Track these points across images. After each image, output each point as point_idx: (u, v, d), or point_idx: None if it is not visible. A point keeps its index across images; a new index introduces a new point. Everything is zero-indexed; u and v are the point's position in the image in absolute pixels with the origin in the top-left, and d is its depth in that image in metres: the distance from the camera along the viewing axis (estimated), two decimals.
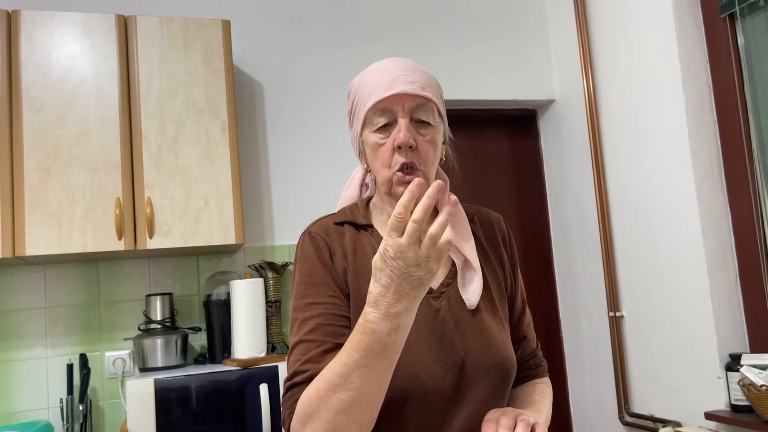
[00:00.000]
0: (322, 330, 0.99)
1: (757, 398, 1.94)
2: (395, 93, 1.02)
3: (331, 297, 1.03)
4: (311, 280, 1.04)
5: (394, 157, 1.03)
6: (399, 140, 1.01)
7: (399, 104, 1.03)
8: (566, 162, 2.92)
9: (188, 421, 2.01)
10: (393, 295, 0.83)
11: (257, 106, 2.63)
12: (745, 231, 2.20)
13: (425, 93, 1.04)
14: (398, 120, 1.03)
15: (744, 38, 2.23)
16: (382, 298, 0.83)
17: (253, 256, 2.53)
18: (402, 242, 0.81)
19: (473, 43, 2.91)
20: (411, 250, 0.81)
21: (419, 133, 1.04)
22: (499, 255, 1.18)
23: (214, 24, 2.29)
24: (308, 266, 1.05)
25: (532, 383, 1.21)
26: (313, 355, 0.98)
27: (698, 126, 2.27)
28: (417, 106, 1.03)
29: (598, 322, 2.74)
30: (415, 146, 1.03)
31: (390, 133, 1.03)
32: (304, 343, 1.00)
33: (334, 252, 1.07)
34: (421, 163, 1.03)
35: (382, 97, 1.02)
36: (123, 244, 2.10)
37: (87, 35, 2.17)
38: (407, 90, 1.02)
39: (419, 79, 1.04)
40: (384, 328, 0.84)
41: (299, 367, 0.98)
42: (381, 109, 1.03)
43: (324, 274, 1.04)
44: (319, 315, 1.01)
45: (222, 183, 2.22)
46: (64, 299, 2.34)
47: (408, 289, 0.82)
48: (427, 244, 0.81)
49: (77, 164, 2.10)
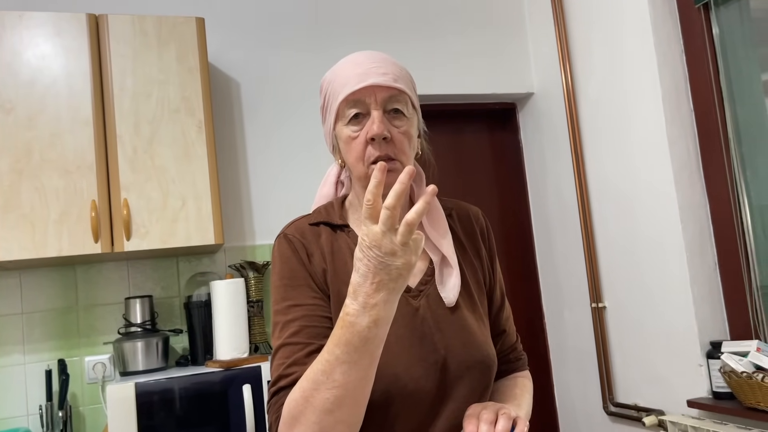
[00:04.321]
0: (306, 332, 0.98)
1: (738, 385, 1.96)
2: (367, 85, 1.00)
3: (312, 298, 1.01)
4: (291, 282, 1.03)
5: (368, 150, 1.02)
6: (372, 132, 1.00)
7: (371, 96, 1.01)
8: (546, 155, 2.93)
9: (171, 424, 1.98)
10: (371, 286, 0.82)
11: (234, 105, 2.60)
12: (723, 219, 2.22)
13: (398, 84, 1.02)
14: (371, 112, 1.01)
15: (718, 28, 2.25)
16: (360, 288, 0.83)
17: (233, 256, 2.51)
18: (376, 230, 0.80)
19: (451, 38, 2.91)
20: (386, 238, 0.80)
21: (393, 125, 1.02)
22: (477, 249, 1.17)
23: (188, 22, 2.25)
24: (287, 268, 1.04)
25: (512, 377, 1.20)
26: (298, 357, 0.96)
27: (675, 116, 2.29)
28: (390, 97, 1.02)
29: (580, 313, 2.76)
30: (389, 138, 1.01)
31: (363, 126, 1.02)
32: (287, 346, 0.98)
33: (312, 254, 1.05)
34: (397, 153, 1.02)
35: (354, 89, 1.01)
36: (99, 247, 2.07)
37: (58, 35, 2.13)
38: (379, 82, 1.01)
39: (391, 71, 1.03)
40: (363, 320, 0.83)
41: (284, 370, 0.96)
42: (353, 101, 1.02)
43: (304, 276, 1.03)
44: (302, 317, 0.99)
45: (199, 183, 2.19)
46: (41, 304, 2.30)
47: (386, 279, 0.81)
48: (403, 232, 0.80)
49: (50, 166, 2.07)
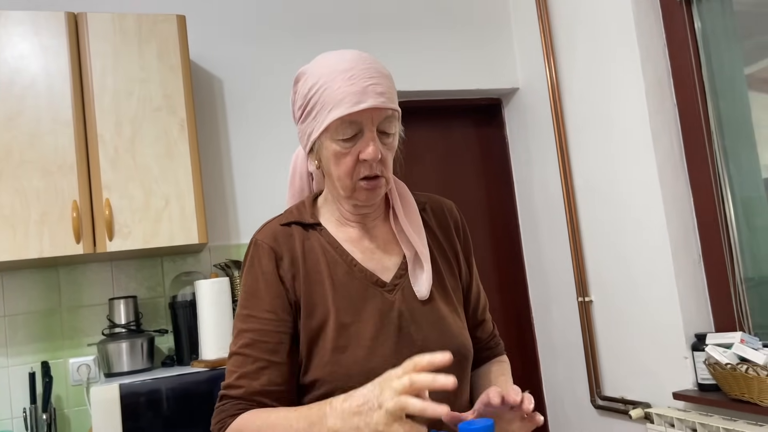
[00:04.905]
0: (258, 346, 1.01)
1: (722, 377, 1.97)
2: (367, 107, 0.98)
3: (268, 312, 1.03)
4: (251, 292, 1.05)
5: (357, 167, 1.02)
6: (368, 155, 0.99)
7: (368, 118, 1.00)
8: (532, 150, 2.93)
9: (157, 425, 1.97)
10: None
11: (217, 102, 2.58)
12: (707, 212, 2.23)
13: (393, 105, 1.02)
14: (365, 133, 1.00)
15: (700, 23, 2.26)
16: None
17: (218, 255, 2.49)
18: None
19: (436, 34, 2.90)
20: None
21: (383, 143, 1.02)
22: (451, 242, 1.18)
23: (168, 19, 2.23)
24: (250, 277, 1.06)
25: (497, 361, 1.24)
26: (248, 371, 1.00)
27: (658, 110, 2.29)
28: (385, 119, 1.01)
29: (567, 307, 2.76)
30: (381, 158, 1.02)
31: (354, 143, 1.00)
32: (239, 356, 1.02)
33: (281, 258, 1.06)
34: (383, 170, 1.03)
35: (352, 111, 0.98)
36: (81, 248, 2.05)
37: (36, 34, 2.10)
38: (378, 104, 0.99)
39: (386, 87, 1.01)
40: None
41: (234, 380, 1.01)
42: (349, 122, 0.99)
43: (264, 288, 1.04)
44: (256, 330, 1.02)
45: (182, 182, 2.17)
46: (24, 306, 2.28)
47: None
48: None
49: (30, 167, 2.04)
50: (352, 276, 1.06)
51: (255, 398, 1.00)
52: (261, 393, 1.00)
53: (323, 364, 1.00)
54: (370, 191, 1.03)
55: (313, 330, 1.03)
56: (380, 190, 1.04)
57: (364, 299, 1.04)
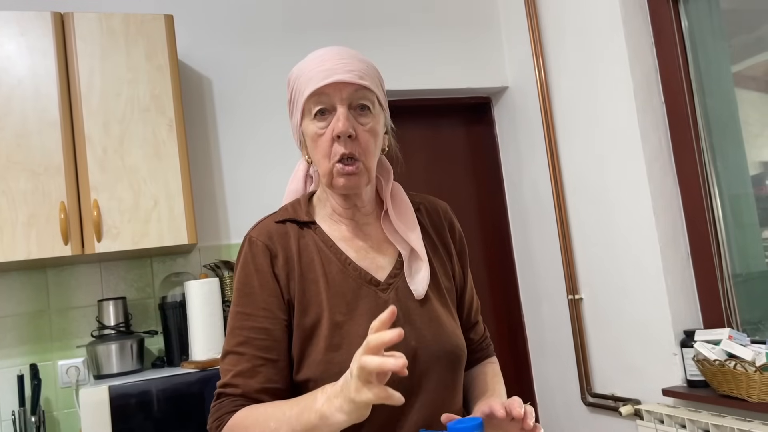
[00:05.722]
0: (253, 344, 1.01)
1: (711, 373, 1.98)
2: (333, 81, 1.00)
3: (263, 310, 1.02)
4: (246, 290, 1.04)
5: (333, 147, 1.02)
6: (338, 129, 1.00)
7: (337, 93, 1.01)
8: (521, 148, 2.94)
9: (147, 426, 1.96)
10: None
11: (206, 102, 2.57)
12: (695, 209, 2.24)
13: (363, 81, 1.02)
14: (336, 108, 1.01)
15: (688, 21, 2.27)
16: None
17: (208, 255, 2.49)
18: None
19: (425, 32, 2.90)
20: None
21: (359, 123, 1.03)
22: (445, 243, 1.18)
23: (156, 19, 2.22)
24: (243, 275, 1.05)
25: (489, 362, 1.25)
26: (244, 369, 1.00)
27: (646, 108, 2.31)
28: (355, 93, 1.02)
29: (558, 305, 2.78)
30: (354, 135, 1.02)
31: (329, 123, 1.02)
32: (234, 354, 1.01)
33: (276, 256, 1.05)
34: (361, 153, 1.02)
35: (319, 85, 1.01)
36: (70, 249, 2.03)
37: (22, 34, 2.08)
38: (345, 78, 1.01)
39: (357, 68, 1.03)
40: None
41: (230, 379, 1.00)
42: (318, 97, 1.02)
43: (259, 285, 1.03)
44: (250, 328, 1.02)
45: (171, 182, 2.16)
46: (12, 308, 2.26)
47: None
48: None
49: (17, 168, 2.03)
50: (346, 275, 1.05)
51: (252, 396, 0.99)
52: (258, 391, 0.99)
53: (316, 362, 1.00)
54: (347, 177, 1.02)
55: (306, 328, 1.02)
56: (359, 177, 1.03)
57: (358, 298, 1.04)
